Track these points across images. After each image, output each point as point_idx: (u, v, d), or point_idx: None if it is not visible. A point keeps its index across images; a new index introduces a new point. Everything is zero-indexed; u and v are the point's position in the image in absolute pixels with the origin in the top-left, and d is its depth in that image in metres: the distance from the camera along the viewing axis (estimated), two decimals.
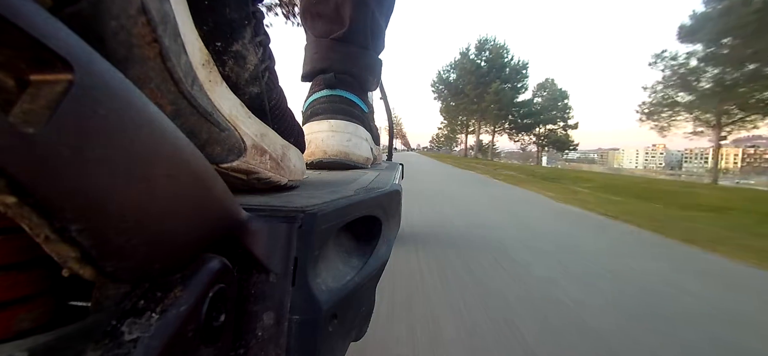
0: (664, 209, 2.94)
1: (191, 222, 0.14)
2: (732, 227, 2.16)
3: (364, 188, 0.32)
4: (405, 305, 0.82)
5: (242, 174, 0.23)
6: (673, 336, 0.75)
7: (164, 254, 0.13)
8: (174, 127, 0.13)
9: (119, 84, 0.10)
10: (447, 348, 0.66)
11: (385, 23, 0.67)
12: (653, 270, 1.19)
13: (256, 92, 0.25)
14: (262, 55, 0.25)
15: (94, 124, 0.09)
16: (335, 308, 0.20)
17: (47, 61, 0.09)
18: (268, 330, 0.18)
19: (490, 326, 0.74)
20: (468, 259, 1.16)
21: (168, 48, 0.16)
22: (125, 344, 0.11)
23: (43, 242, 0.09)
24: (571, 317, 0.80)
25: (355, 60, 0.61)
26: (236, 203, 0.17)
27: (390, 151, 1.18)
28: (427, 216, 1.91)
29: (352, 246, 0.26)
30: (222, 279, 0.15)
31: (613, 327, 0.76)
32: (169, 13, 0.16)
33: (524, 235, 1.57)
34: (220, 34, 0.21)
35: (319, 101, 0.59)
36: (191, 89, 0.18)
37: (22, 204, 0.09)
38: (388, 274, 0.91)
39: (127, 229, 0.11)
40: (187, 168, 0.13)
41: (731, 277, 1.19)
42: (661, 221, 2.16)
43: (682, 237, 1.72)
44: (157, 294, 0.13)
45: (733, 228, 2.13)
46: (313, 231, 0.19)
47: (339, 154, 0.56)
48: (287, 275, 0.18)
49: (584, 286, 0.99)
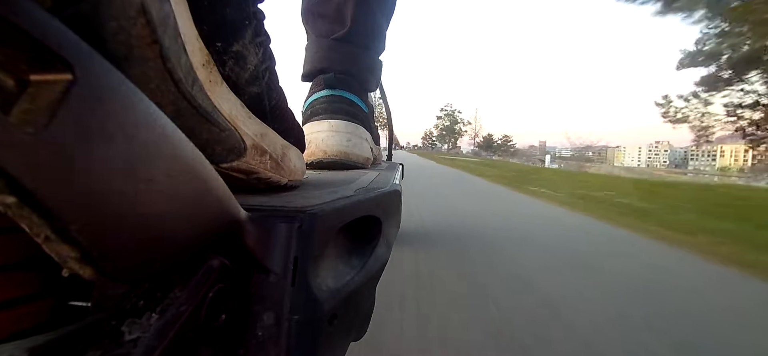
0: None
1: (191, 222, 0.14)
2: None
3: (364, 188, 0.32)
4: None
5: (242, 174, 0.23)
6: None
7: (164, 254, 0.13)
8: (174, 127, 0.13)
9: (119, 84, 0.10)
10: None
11: (386, 24, 0.67)
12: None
13: (256, 92, 0.25)
14: (262, 55, 0.25)
15: (94, 124, 0.09)
16: (335, 308, 0.20)
17: (47, 61, 0.09)
18: (268, 330, 0.18)
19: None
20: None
21: (168, 48, 0.16)
22: (125, 344, 0.11)
23: (43, 242, 0.09)
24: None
25: (356, 60, 0.61)
26: (236, 203, 0.17)
27: (390, 151, 1.18)
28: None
29: (352, 246, 0.26)
30: (222, 279, 0.15)
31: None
32: (170, 13, 0.16)
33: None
34: (221, 34, 0.21)
35: (319, 101, 0.59)
36: (191, 89, 0.18)
37: (22, 204, 0.09)
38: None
39: (127, 229, 0.11)
40: (187, 168, 0.13)
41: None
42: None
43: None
44: (157, 294, 0.13)
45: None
46: (313, 231, 0.19)
47: (339, 154, 0.56)
48: (287, 275, 0.18)
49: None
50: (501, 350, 0.63)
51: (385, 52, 0.68)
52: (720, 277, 1.17)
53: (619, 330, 0.73)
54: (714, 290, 1.05)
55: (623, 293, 0.94)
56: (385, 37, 0.68)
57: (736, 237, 1.77)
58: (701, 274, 1.20)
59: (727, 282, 1.12)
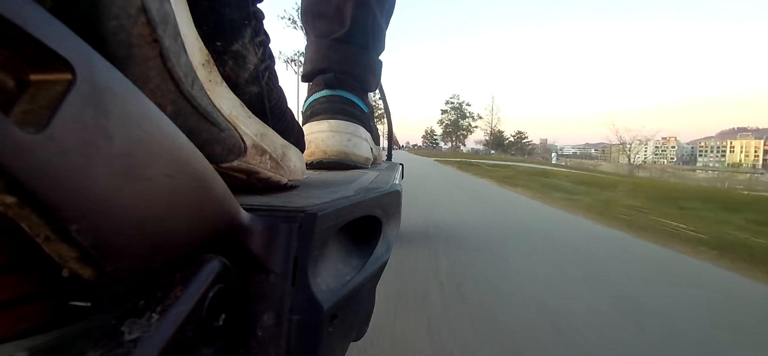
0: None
1: (191, 222, 0.14)
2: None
3: (364, 188, 0.32)
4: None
5: (242, 174, 0.23)
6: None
7: (164, 254, 0.13)
8: (174, 127, 0.13)
9: (119, 84, 0.10)
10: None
11: (385, 24, 0.67)
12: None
13: (256, 92, 0.25)
14: (262, 55, 0.25)
15: (93, 124, 0.09)
16: (335, 308, 0.20)
17: (47, 61, 0.09)
18: (268, 330, 0.18)
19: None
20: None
21: (168, 48, 0.16)
22: (125, 344, 0.11)
23: (43, 242, 0.09)
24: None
25: (356, 60, 0.61)
26: (236, 203, 0.17)
27: (389, 151, 1.18)
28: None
29: (352, 246, 0.26)
30: (222, 279, 0.15)
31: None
32: (169, 12, 0.16)
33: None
34: (220, 34, 0.21)
35: (319, 101, 0.59)
36: (191, 88, 0.18)
37: (22, 204, 0.08)
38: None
39: (127, 229, 0.11)
40: (187, 168, 0.13)
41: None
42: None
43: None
44: (157, 294, 0.13)
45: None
46: (313, 231, 0.19)
47: (339, 154, 0.56)
48: (287, 275, 0.18)
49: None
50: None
51: (384, 50, 0.68)
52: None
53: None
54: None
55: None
56: (385, 37, 0.68)
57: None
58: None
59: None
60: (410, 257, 1.02)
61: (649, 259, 1.20)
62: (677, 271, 1.08)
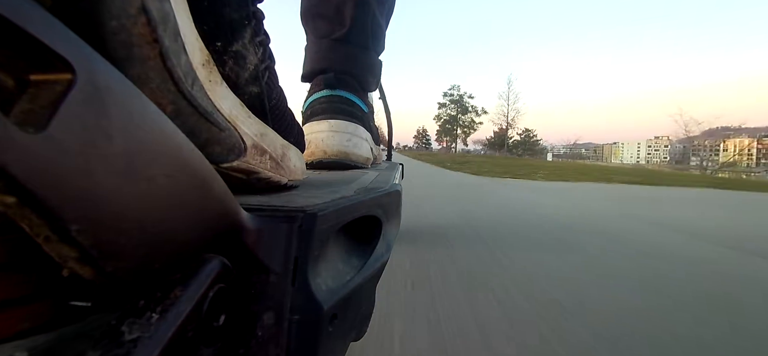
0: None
1: (191, 222, 0.14)
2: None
3: (364, 188, 0.32)
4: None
5: (242, 174, 0.23)
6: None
7: (164, 254, 0.13)
8: (174, 127, 0.13)
9: (119, 84, 0.10)
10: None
11: (385, 24, 0.67)
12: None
13: (256, 92, 0.25)
14: (262, 55, 0.25)
15: (93, 124, 0.09)
16: (335, 308, 0.20)
17: (47, 61, 0.09)
18: (268, 330, 0.18)
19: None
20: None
21: (168, 48, 0.16)
22: (125, 344, 0.11)
23: (43, 242, 0.09)
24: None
25: (356, 60, 0.61)
26: (236, 203, 0.17)
27: (389, 151, 1.18)
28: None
29: (352, 246, 0.26)
30: (222, 279, 0.15)
31: None
32: (170, 12, 0.16)
33: None
34: (220, 34, 0.21)
35: (319, 101, 0.59)
36: (191, 88, 0.18)
37: (22, 204, 0.08)
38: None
39: (127, 229, 0.11)
40: (187, 168, 0.13)
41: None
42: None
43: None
44: (157, 294, 0.13)
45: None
46: (313, 231, 0.19)
47: (339, 154, 0.56)
48: (287, 275, 0.18)
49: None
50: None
51: (384, 50, 0.68)
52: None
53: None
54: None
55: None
56: (385, 37, 0.68)
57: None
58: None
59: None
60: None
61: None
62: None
